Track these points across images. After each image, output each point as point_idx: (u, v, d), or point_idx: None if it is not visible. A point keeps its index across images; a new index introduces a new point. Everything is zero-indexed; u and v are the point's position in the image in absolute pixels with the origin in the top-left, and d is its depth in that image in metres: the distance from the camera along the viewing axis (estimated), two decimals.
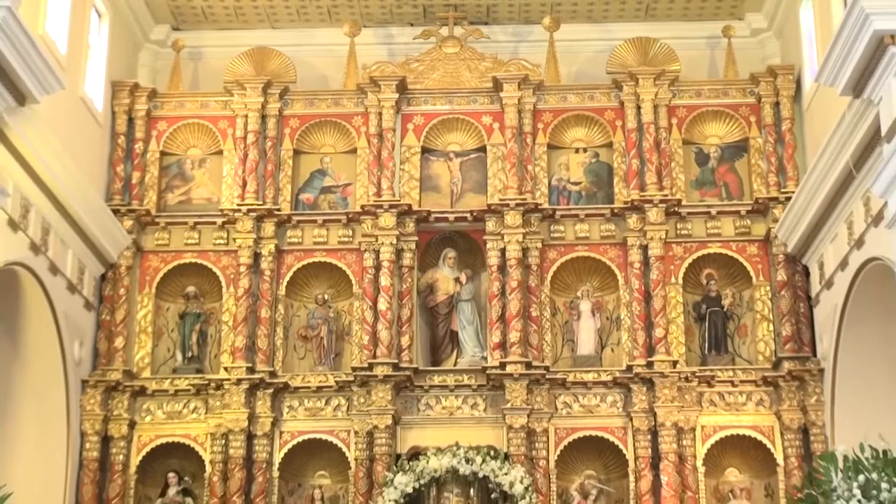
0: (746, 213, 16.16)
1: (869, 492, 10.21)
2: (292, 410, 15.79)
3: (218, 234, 16.46)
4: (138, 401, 15.85)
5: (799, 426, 15.18)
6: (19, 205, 13.36)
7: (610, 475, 15.60)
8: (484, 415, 15.62)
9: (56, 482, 15.03)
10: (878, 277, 12.99)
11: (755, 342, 15.96)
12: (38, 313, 14.52)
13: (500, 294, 15.83)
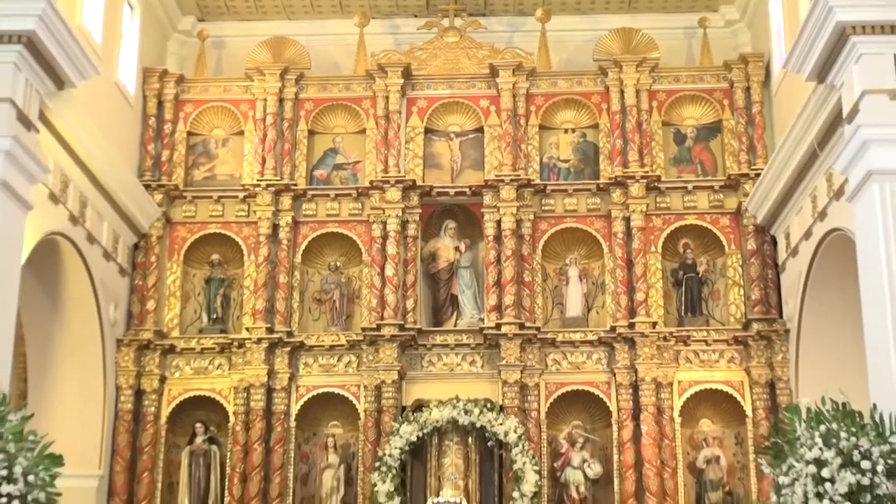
0: (720, 187, 16.17)
1: (829, 440, 10.22)
2: (307, 367, 15.83)
3: (240, 206, 16.47)
4: (168, 358, 15.90)
5: (766, 381, 15.23)
6: (59, 180, 13.38)
7: (595, 425, 15.65)
8: (481, 371, 15.66)
9: (94, 432, 15.11)
10: (838, 246, 12.99)
11: (727, 305, 16.00)
12: (77, 279, 14.56)
13: (495, 261, 15.86)
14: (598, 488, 15.32)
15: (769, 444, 11.87)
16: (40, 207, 12.44)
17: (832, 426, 10.31)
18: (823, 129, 12.68)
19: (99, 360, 15.15)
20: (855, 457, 9.97)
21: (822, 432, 10.33)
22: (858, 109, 10.80)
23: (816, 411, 10.64)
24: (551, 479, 15.22)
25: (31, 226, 12.12)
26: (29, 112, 11.55)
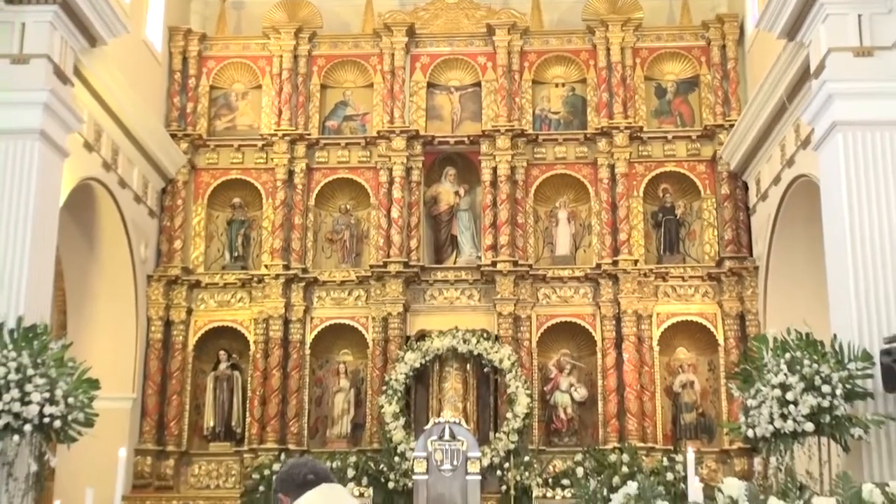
0: (696, 137, 16.13)
1: (793, 367, 10.26)
2: (321, 300, 15.87)
3: (258, 154, 16.42)
4: (194, 292, 15.93)
5: (737, 313, 15.28)
6: (93, 130, 13.36)
7: (581, 353, 15.70)
8: (478, 304, 15.69)
9: (127, 358, 15.19)
10: (804, 191, 12.99)
11: (702, 244, 16.00)
12: (110, 220, 14.57)
13: (492, 205, 15.83)
14: (583, 410, 15.42)
15: (739, 371, 11.94)
16: (76, 155, 12.43)
17: (796, 354, 10.36)
18: (792, 84, 12.66)
19: (131, 294, 15.20)
20: (816, 382, 10.03)
21: (786, 360, 10.38)
22: (825, 66, 10.77)
23: (782, 341, 10.69)
24: (541, 402, 15.31)
25: (67, 172, 12.12)
26: (64, 67, 11.54)
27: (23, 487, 10.11)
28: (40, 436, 10.09)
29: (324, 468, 4.44)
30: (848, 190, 10.55)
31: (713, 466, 14.72)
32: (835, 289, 10.92)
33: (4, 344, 10.00)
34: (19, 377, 9.77)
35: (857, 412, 10.09)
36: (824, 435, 10.18)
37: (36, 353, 10.03)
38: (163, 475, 15.18)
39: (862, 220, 10.48)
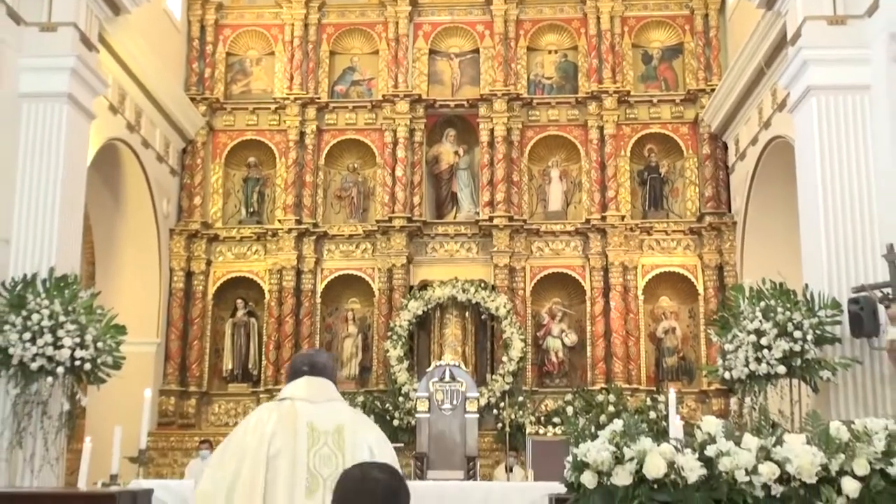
0: (680, 101, 16.05)
1: (768, 314, 10.30)
2: (330, 252, 15.88)
3: (272, 117, 16.35)
4: (213, 245, 15.95)
5: (716, 265, 15.31)
6: (117, 94, 13.30)
7: (571, 302, 15.75)
8: (476, 256, 15.71)
9: (152, 306, 15.25)
10: (780, 151, 12.98)
11: (684, 201, 15.99)
12: (135, 178, 14.56)
13: (489, 164, 15.79)
14: (573, 354, 15.48)
15: (717, 318, 11.98)
16: (102, 117, 12.40)
17: (770, 303, 10.39)
18: (770, 51, 12.60)
19: (155, 246, 15.23)
20: (789, 328, 10.07)
21: (761, 308, 10.41)
22: (800, 34, 10.68)
23: (757, 290, 10.71)
24: (534, 346, 15.37)
25: (94, 133, 12.10)
26: (90, 34, 11.46)
27: (56, 425, 10.20)
28: (72, 378, 10.16)
29: (321, 361, 4.42)
30: (820, 150, 10.53)
31: (693, 406, 14.82)
32: (807, 242, 10.93)
33: (38, 293, 10.03)
34: (52, 323, 9.82)
35: (826, 356, 10.14)
36: (795, 377, 10.24)
37: (67, 301, 10.07)
38: (185, 414, 15.29)
39: (833, 179, 10.47)
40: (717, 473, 3.92)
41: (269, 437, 3.96)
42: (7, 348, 9.69)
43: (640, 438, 4.01)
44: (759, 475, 3.87)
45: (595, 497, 3.91)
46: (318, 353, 4.59)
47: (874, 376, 10.10)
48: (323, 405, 4.17)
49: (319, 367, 4.35)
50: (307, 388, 4.23)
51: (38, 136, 10.85)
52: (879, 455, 3.94)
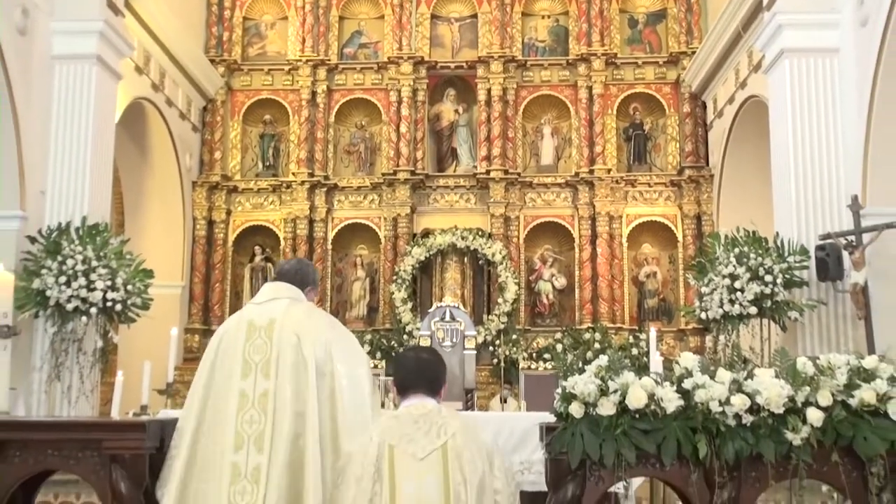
0: (663, 63, 15.90)
1: (741, 260, 10.32)
2: (340, 203, 15.85)
3: (285, 77, 16.22)
4: (232, 196, 15.91)
5: (694, 214, 15.28)
6: (142, 56, 13.18)
7: (561, 248, 15.74)
8: (474, 206, 15.67)
9: (176, 252, 15.26)
10: (755, 110, 12.92)
11: (666, 156, 15.92)
12: (160, 134, 14.49)
13: (486, 121, 15.71)
14: (562, 296, 15.52)
15: (695, 263, 12.00)
16: (128, 77, 12.31)
17: (744, 249, 10.41)
18: (747, 16, 12.48)
19: (178, 197, 15.20)
20: (760, 272, 10.09)
21: (735, 254, 10.43)
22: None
23: (732, 238, 10.73)
24: (527, 289, 15.41)
25: (121, 92, 12.03)
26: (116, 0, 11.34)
27: (91, 360, 10.27)
28: (104, 317, 10.20)
29: (286, 267, 4.71)
30: (792, 109, 10.49)
31: (671, 343, 14.88)
32: (778, 193, 10.91)
33: (72, 240, 10.04)
34: (85, 268, 9.83)
35: (793, 298, 10.17)
36: (766, 317, 10.29)
37: (99, 247, 10.08)
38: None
39: (803, 135, 10.44)
40: (693, 404, 3.95)
41: (218, 337, 4.35)
42: (44, 291, 9.72)
43: (624, 373, 4.03)
44: (732, 406, 3.90)
45: (582, 426, 3.94)
46: (288, 261, 4.87)
47: (838, 316, 10.15)
48: (265, 304, 4.34)
49: (282, 273, 4.61)
50: (261, 293, 4.49)
51: (70, 96, 10.81)
52: (841, 387, 3.96)
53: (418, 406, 3.68)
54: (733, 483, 3.95)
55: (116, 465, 4.26)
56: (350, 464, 3.62)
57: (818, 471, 3.96)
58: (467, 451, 3.47)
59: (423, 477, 3.38)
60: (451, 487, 3.37)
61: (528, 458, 6.06)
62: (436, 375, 3.92)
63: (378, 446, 3.52)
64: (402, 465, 3.43)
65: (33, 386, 10.04)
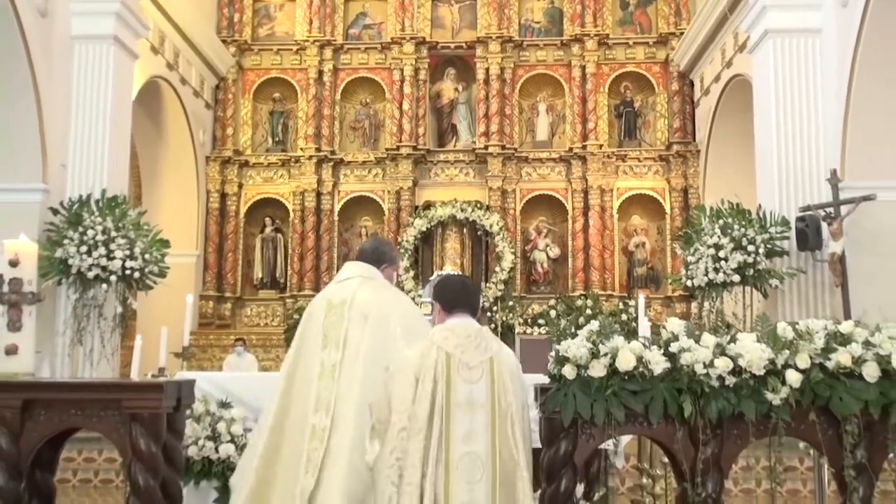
0: (653, 43, 15.79)
1: (725, 231, 10.33)
2: (346, 176, 15.81)
3: (294, 57, 16.11)
4: (243, 170, 15.86)
5: (681, 188, 15.25)
6: (158, 36, 13.10)
7: (555, 220, 15.72)
8: (473, 180, 15.63)
9: (191, 223, 15.26)
10: (739, 88, 12.86)
11: (655, 132, 15.85)
12: (174, 111, 14.43)
13: (484, 99, 15.63)
14: (556, 265, 15.52)
15: (681, 234, 12.02)
16: (144, 57, 12.25)
17: (728, 220, 10.42)
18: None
19: (193, 171, 15.17)
20: (743, 242, 10.11)
21: (720, 225, 10.44)
22: None
23: (717, 210, 10.73)
24: (523, 258, 15.41)
25: (138, 71, 11.99)
26: None
27: (111, 325, 10.32)
28: (123, 285, 10.23)
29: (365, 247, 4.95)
30: (775, 87, 10.46)
31: (659, 309, 14.91)
32: (761, 168, 10.91)
33: (92, 211, 10.04)
34: (105, 238, 9.85)
35: (774, 267, 10.20)
36: (748, 284, 10.32)
37: (118, 218, 10.08)
38: (222, 315, 15.40)
39: (785, 112, 10.42)
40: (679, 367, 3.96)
41: (308, 312, 4.66)
42: (67, 259, 9.74)
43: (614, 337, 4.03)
44: (715, 368, 3.91)
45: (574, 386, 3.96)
46: (368, 240, 5.31)
47: (816, 284, 10.18)
48: (341, 283, 4.62)
49: (361, 252, 4.85)
50: (340, 272, 4.76)
51: (89, 74, 10.79)
52: (819, 351, 3.97)
53: (465, 325, 3.92)
54: (716, 440, 3.97)
55: (136, 423, 4.28)
56: (404, 367, 3.84)
57: (796, 429, 3.98)
58: (506, 367, 3.83)
59: (475, 382, 3.74)
60: (496, 392, 3.73)
61: None
62: (478, 298, 4.19)
63: (437, 351, 3.79)
64: (456, 370, 3.75)
65: (57, 349, 10.09)
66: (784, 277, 10.08)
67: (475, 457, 3.65)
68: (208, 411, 5.83)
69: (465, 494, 3.59)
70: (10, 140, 9.98)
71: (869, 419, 3.92)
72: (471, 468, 3.62)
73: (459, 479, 3.61)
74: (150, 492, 4.30)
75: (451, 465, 3.62)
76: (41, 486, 4.65)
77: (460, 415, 3.69)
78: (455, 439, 3.66)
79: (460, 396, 3.71)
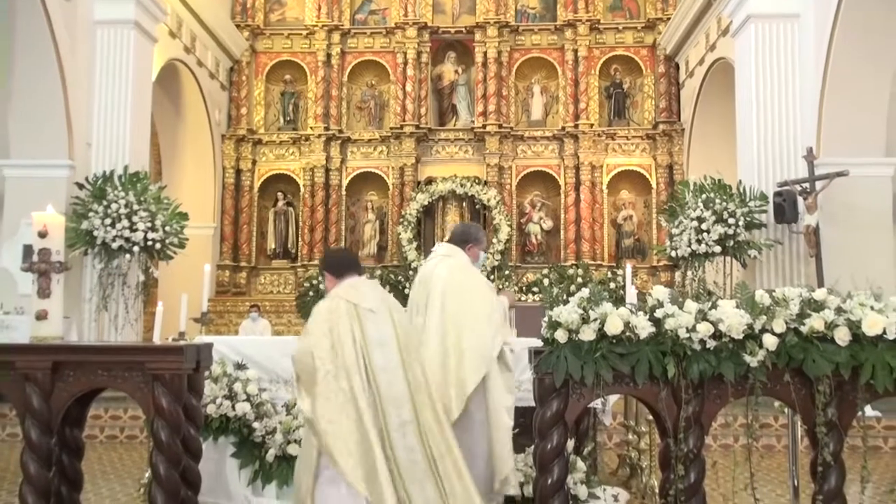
0: (641, 28, 15.66)
1: (707, 204, 10.31)
2: (353, 154, 15.75)
3: (304, 41, 15.99)
4: (257, 147, 15.81)
5: (667, 164, 15.20)
6: (175, 21, 12.99)
7: (549, 195, 15.69)
8: (472, 157, 15.57)
9: (208, 197, 15.24)
10: (722, 71, 12.79)
11: (642, 112, 15.76)
12: (192, 92, 14.35)
13: (483, 80, 15.53)
14: (549, 236, 15.51)
15: (666, 207, 11.99)
16: (163, 41, 12.17)
17: (710, 195, 10.40)
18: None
19: (209, 148, 15.12)
20: (724, 215, 10.10)
21: (702, 199, 10.43)
22: None
23: (700, 185, 10.71)
24: (518, 230, 15.40)
25: (157, 54, 11.91)
26: None
27: (134, 293, 10.33)
28: (145, 255, 10.23)
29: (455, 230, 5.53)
30: (756, 69, 10.40)
31: (645, 278, 14.93)
32: (742, 145, 10.87)
33: (115, 186, 10.03)
34: (128, 211, 9.84)
35: (753, 238, 10.19)
36: (728, 255, 10.32)
37: (139, 193, 10.06)
38: (238, 284, 15.42)
39: (765, 93, 10.37)
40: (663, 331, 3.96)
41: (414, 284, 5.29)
42: (92, 231, 9.75)
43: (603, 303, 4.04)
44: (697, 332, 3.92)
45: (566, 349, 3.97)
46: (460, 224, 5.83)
47: (792, 254, 10.18)
48: (429, 262, 5.25)
49: (452, 234, 5.44)
50: (431, 252, 5.35)
51: (111, 57, 10.73)
52: (794, 316, 3.98)
53: (360, 281, 4.39)
54: (697, 399, 3.98)
55: (158, 384, 4.30)
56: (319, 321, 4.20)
57: (772, 389, 4.00)
58: (397, 310, 4.36)
59: (380, 324, 4.20)
60: (397, 329, 4.24)
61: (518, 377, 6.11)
62: (358, 262, 4.64)
63: (345, 304, 4.21)
64: (365, 317, 4.20)
65: (84, 315, 10.12)
66: (762, 248, 10.08)
67: (393, 375, 4.11)
68: (225, 372, 5.85)
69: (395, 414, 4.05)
70: (38, 120, 9.96)
71: (840, 380, 3.94)
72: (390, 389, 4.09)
73: (388, 403, 4.05)
74: (172, 447, 4.33)
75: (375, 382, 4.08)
76: (71, 441, 4.68)
77: (376, 351, 4.12)
78: (377, 371, 4.09)
79: (372, 336, 4.14)
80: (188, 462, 4.56)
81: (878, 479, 6.75)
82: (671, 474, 4.01)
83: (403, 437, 4.03)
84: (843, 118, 9.75)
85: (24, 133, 10.02)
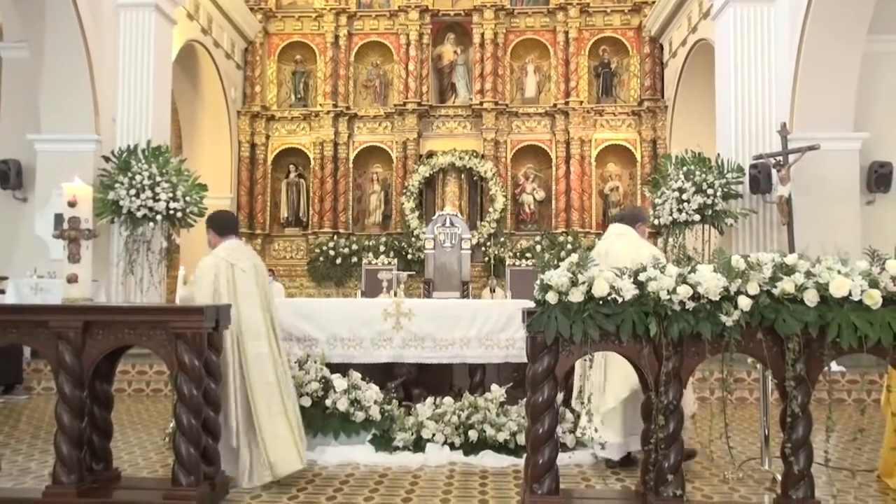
0: (628, 11, 15.48)
1: (688, 176, 10.28)
2: (359, 129, 15.66)
3: (313, 23, 15.82)
4: (270, 123, 15.71)
5: (651, 139, 15.12)
6: (193, 4, 12.85)
7: (541, 167, 15.63)
8: (470, 132, 15.49)
9: (225, 169, 15.16)
10: (703, 51, 12.67)
11: (629, 90, 15.64)
12: (209, 71, 14.22)
13: (480, 60, 15.39)
14: (542, 206, 15.48)
15: (650, 179, 11.95)
16: (181, 23, 12.04)
17: (690, 167, 10.36)
18: None
19: (226, 124, 15.03)
20: (703, 186, 10.07)
21: (683, 171, 10.39)
22: None
23: (681, 158, 10.67)
24: (512, 201, 15.36)
25: (176, 35, 11.78)
26: None
27: (158, 258, 10.34)
28: (168, 223, 10.22)
29: (625, 212, 5.77)
30: (735, 50, 10.32)
31: None
32: (721, 121, 10.81)
33: (139, 159, 9.99)
34: (151, 182, 9.81)
35: (730, 207, 10.17)
36: (707, 223, 10.31)
37: (161, 165, 10.03)
38: (253, 249, 15.37)
39: (743, 73, 10.29)
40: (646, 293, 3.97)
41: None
42: (118, 201, 9.73)
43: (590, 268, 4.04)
44: (678, 294, 3.92)
45: (556, 310, 3.97)
46: (629, 206, 6.07)
47: (766, 223, 10.17)
48: (605, 240, 5.52)
49: (622, 216, 5.65)
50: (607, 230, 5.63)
51: (133, 38, 10.63)
52: (767, 280, 3.98)
53: (236, 244, 5.02)
54: (677, 356, 4.00)
55: (180, 341, 4.32)
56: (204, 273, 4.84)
57: (745, 346, 4.01)
58: (262, 270, 5.05)
59: (249, 280, 4.92)
60: (260, 285, 4.96)
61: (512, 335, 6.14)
62: (238, 225, 5.30)
63: (223, 262, 4.89)
64: (238, 272, 4.91)
65: (111, 279, 10.14)
66: (738, 217, 10.07)
67: (259, 321, 4.88)
68: None
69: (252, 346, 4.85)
70: (66, 97, 9.89)
71: (808, 338, 3.95)
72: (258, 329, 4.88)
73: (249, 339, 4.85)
74: (194, 399, 4.36)
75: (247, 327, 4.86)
76: (101, 394, 4.72)
77: (245, 301, 4.88)
78: (243, 317, 4.87)
79: (242, 288, 4.88)
80: (208, 413, 4.59)
81: (842, 429, 6.81)
82: (653, 424, 4.04)
83: (259, 365, 4.83)
84: (814, 96, 9.69)
85: (54, 110, 9.97)
